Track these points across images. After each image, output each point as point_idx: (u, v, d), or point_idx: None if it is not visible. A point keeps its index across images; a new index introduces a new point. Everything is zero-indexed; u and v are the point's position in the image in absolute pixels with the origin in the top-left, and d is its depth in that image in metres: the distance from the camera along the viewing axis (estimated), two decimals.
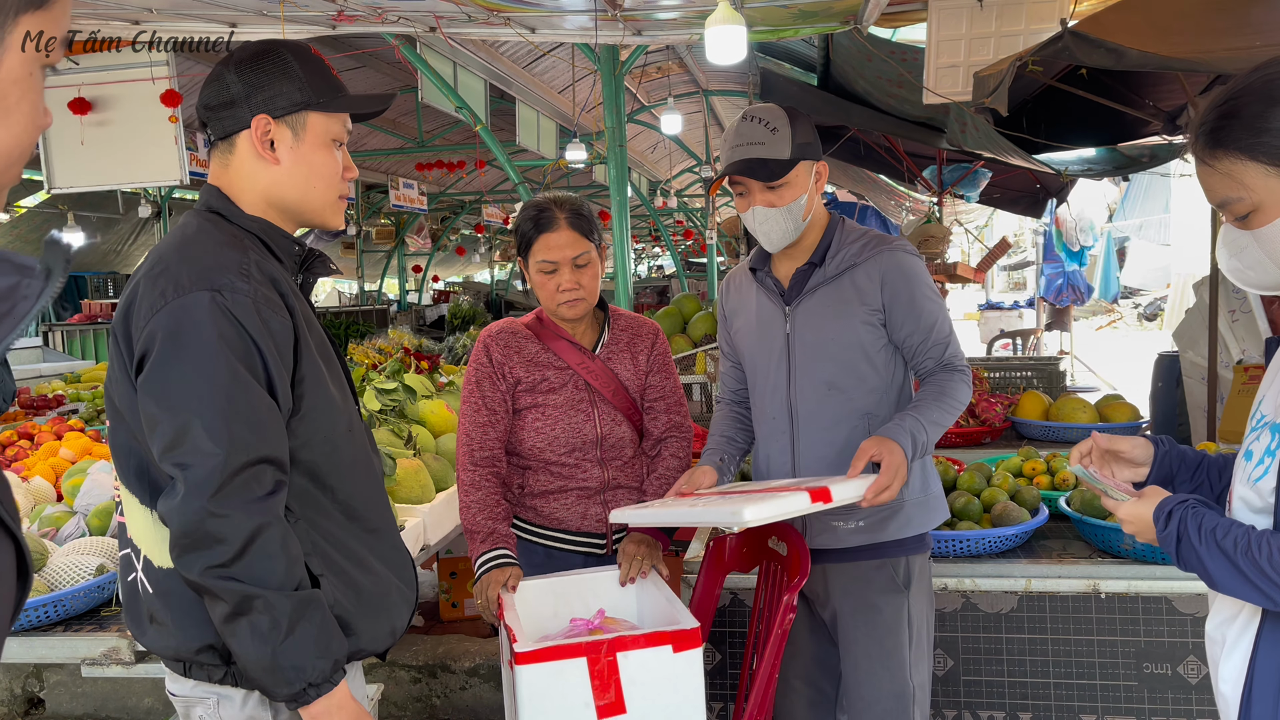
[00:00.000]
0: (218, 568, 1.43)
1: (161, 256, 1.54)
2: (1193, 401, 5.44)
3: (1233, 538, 1.36)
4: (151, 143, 5.40)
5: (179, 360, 1.45)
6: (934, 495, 2.29)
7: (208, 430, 1.44)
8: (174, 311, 1.46)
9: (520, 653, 1.79)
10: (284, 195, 1.64)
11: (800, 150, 2.19)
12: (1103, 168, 6.56)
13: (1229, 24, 3.66)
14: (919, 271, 2.21)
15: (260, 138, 1.60)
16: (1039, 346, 11.63)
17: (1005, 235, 12.94)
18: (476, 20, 4.77)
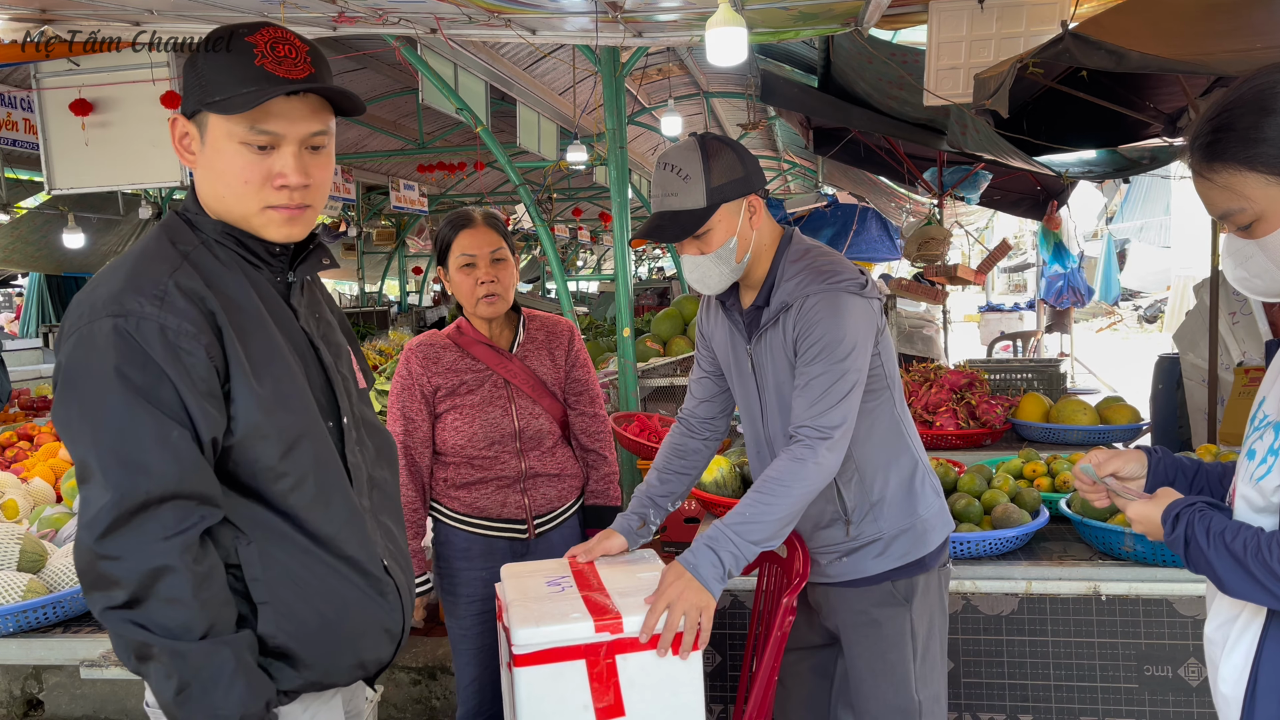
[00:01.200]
0: (115, 610, 1.36)
1: (99, 274, 1.46)
2: (1193, 404, 5.44)
3: (1241, 540, 1.36)
4: (152, 144, 5.40)
5: (77, 394, 1.38)
6: (924, 519, 2.16)
7: (101, 469, 1.37)
8: (79, 340, 1.39)
9: (519, 655, 1.79)
10: (208, 199, 1.53)
11: (718, 194, 2.03)
12: (1103, 170, 6.56)
13: (1229, 26, 3.66)
14: (839, 315, 2.00)
15: (178, 138, 1.52)
16: (1039, 348, 11.62)
17: (1006, 237, 12.94)
18: (477, 22, 4.77)
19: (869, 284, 2.08)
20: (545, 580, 2.04)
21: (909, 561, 2.14)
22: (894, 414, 2.18)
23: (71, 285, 15.06)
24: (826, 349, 1.99)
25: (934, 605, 2.20)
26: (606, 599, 1.90)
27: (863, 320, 2.03)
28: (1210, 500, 1.49)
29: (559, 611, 1.85)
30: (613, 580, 2.02)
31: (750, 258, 2.12)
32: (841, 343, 1.99)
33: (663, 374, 6.05)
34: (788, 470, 1.96)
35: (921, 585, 2.16)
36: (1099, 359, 12.79)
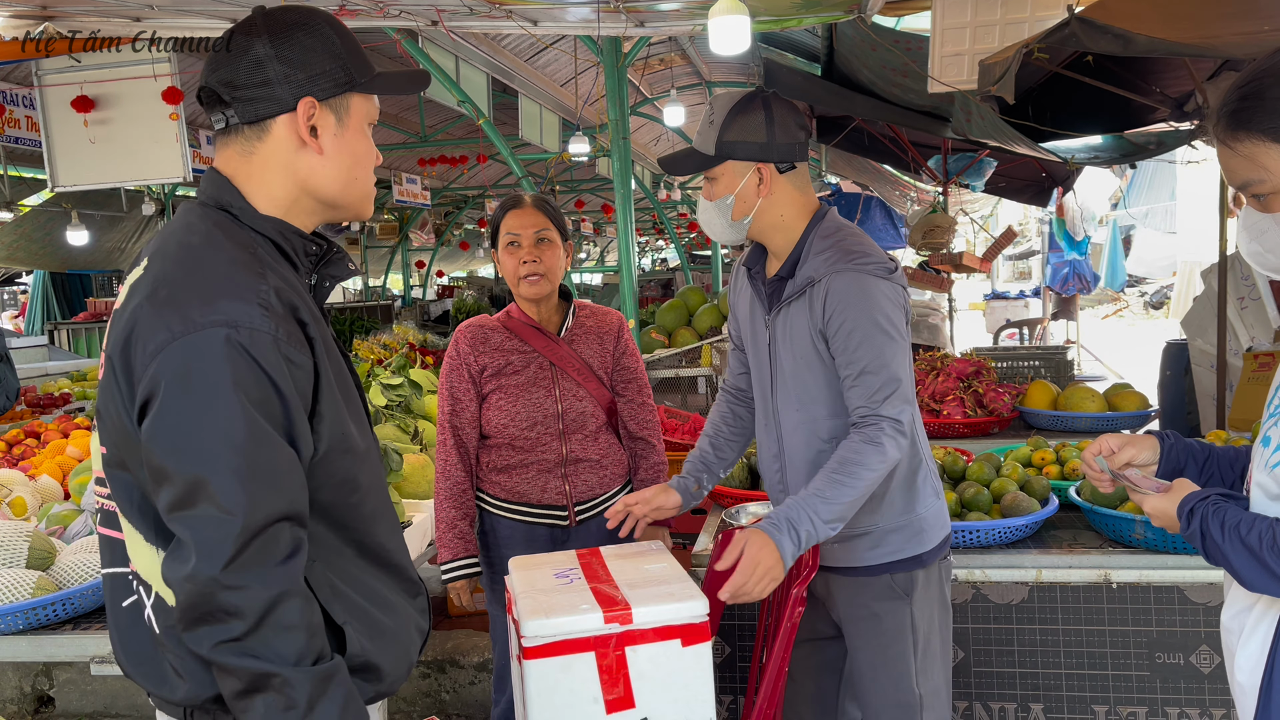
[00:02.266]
0: (230, 643, 1.27)
1: (165, 276, 1.35)
2: (1201, 389, 5.41)
3: (1256, 532, 1.36)
4: (154, 140, 5.39)
5: (189, 409, 1.27)
6: (920, 518, 2.14)
7: (220, 490, 1.27)
8: (183, 351, 1.28)
9: (528, 647, 1.78)
10: (324, 187, 1.47)
11: (726, 149, 2.07)
12: (1109, 155, 6.52)
13: (1236, 9, 3.63)
14: (869, 298, 1.99)
15: (305, 123, 1.42)
16: (1045, 336, 11.59)
17: (1011, 225, 12.90)
18: (478, 13, 4.75)
19: (897, 269, 2.07)
20: (554, 572, 2.03)
21: (903, 557, 2.13)
22: None
23: (75, 283, 15.10)
24: (867, 337, 1.98)
25: (935, 600, 2.19)
26: (615, 590, 1.89)
27: (894, 303, 2.02)
28: (1224, 492, 1.48)
29: (568, 603, 1.84)
30: (621, 572, 2.01)
31: (757, 223, 2.12)
32: (880, 327, 1.99)
33: (668, 365, 6.04)
34: (864, 453, 1.96)
35: (921, 580, 2.15)
36: (1105, 346, 12.75)
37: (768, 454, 2.28)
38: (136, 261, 1.43)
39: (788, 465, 2.22)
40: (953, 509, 2.76)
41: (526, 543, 2.70)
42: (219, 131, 1.46)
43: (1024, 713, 2.66)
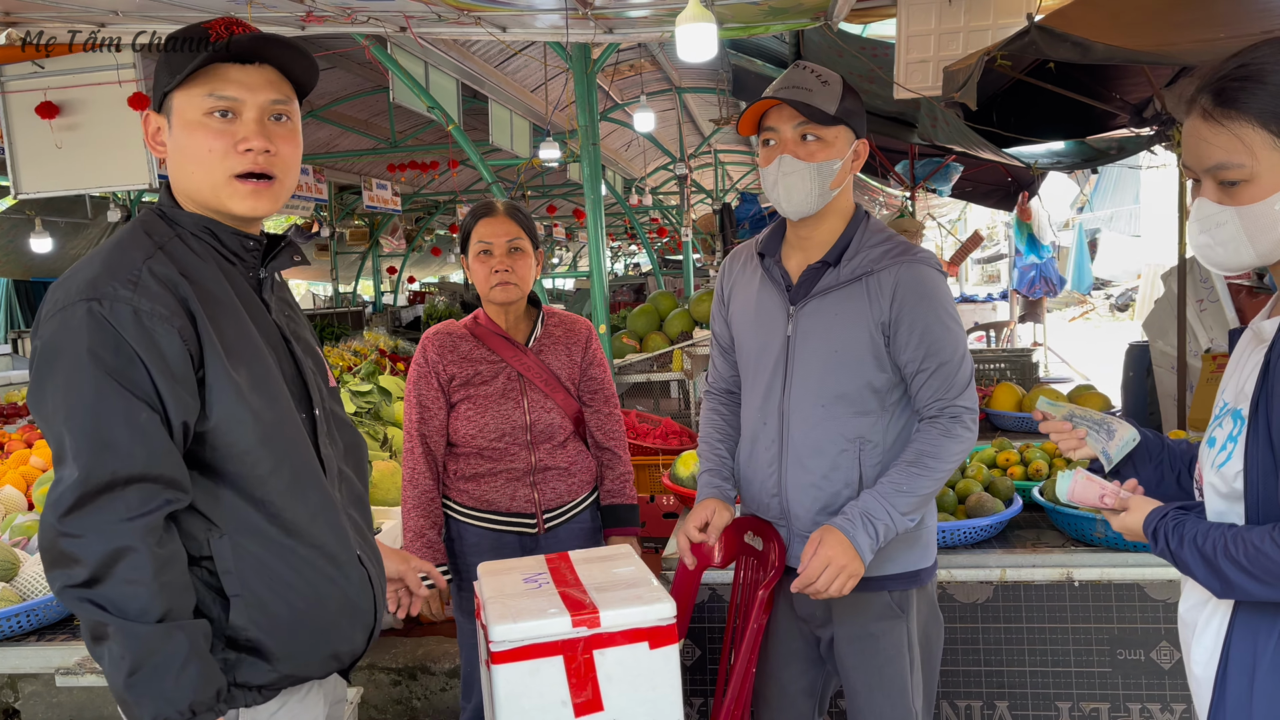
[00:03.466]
0: (74, 588, 1.36)
1: (77, 264, 1.49)
2: (1163, 390, 5.51)
3: (1211, 541, 1.38)
4: (119, 146, 5.33)
5: (52, 375, 1.40)
6: (927, 529, 2.14)
7: (71, 448, 1.38)
8: (55, 323, 1.41)
9: (496, 651, 1.79)
10: (179, 187, 1.57)
11: (845, 113, 2.02)
12: (1072, 160, 6.62)
13: (1193, 17, 3.70)
14: (938, 291, 2.00)
15: (151, 135, 1.57)
16: (1013, 338, 11.73)
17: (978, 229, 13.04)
18: (447, 20, 4.75)
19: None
20: (522, 577, 2.04)
21: (905, 571, 2.11)
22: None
23: (40, 290, 14.86)
24: (946, 330, 2.00)
25: (928, 616, 2.19)
26: (584, 594, 1.91)
27: (951, 300, 2.05)
28: (1182, 505, 1.49)
29: (536, 607, 1.85)
30: (589, 576, 2.02)
31: (837, 199, 2.06)
32: (954, 319, 2.02)
33: (639, 370, 6.07)
34: (941, 444, 1.97)
35: (917, 597, 2.14)
36: (1071, 348, 12.91)
37: (762, 456, 2.17)
38: None
39: (795, 463, 2.11)
40: None
41: (494, 550, 2.70)
42: None
43: (990, 710, 2.70)
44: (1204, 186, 1.42)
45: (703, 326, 5.95)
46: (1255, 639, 1.39)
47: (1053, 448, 3.22)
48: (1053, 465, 3.14)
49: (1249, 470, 1.37)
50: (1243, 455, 1.38)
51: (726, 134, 12.40)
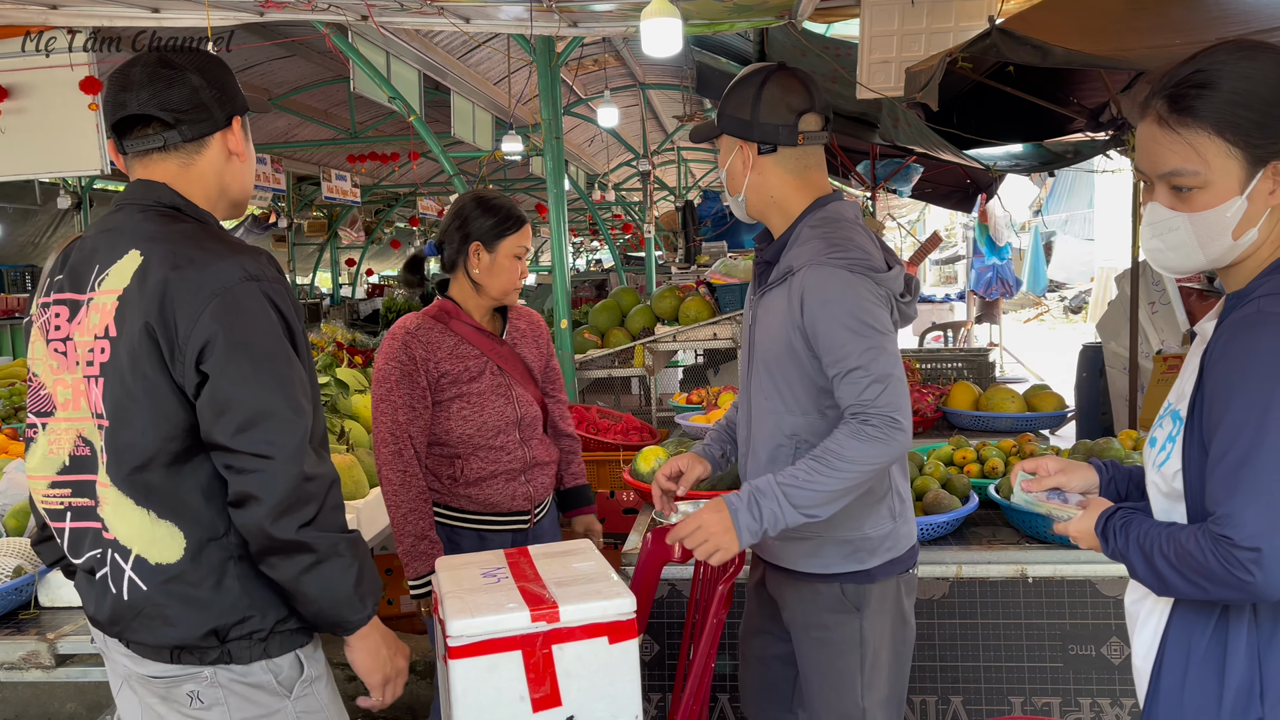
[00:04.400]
0: (309, 525, 1.58)
1: (173, 252, 1.59)
2: (1115, 391, 5.61)
3: (1149, 536, 1.39)
4: (71, 132, 5.20)
5: (247, 345, 1.57)
6: (866, 538, 2.07)
7: (290, 406, 1.59)
8: (228, 301, 1.57)
9: (454, 647, 1.77)
10: (242, 188, 1.80)
11: (724, 123, 2.07)
12: (1030, 163, 6.71)
13: (1149, 23, 3.77)
14: (841, 296, 1.92)
15: (236, 137, 1.75)
16: (969, 338, 11.88)
17: (937, 230, 13.17)
18: (409, 9, 4.70)
19: (884, 267, 1.99)
20: (481, 572, 2.03)
21: (841, 571, 2.08)
22: None
23: None
24: (854, 334, 1.90)
25: (890, 614, 2.12)
26: (543, 589, 1.89)
27: (875, 299, 1.94)
28: (1133, 505, 1.50)
29: (495, 602, 1.84)
30: (549, 571, 2.01)
31: (750, 202, 2.11)
32: (864, 323, 1.91)
33: (600, 366, 6.05)
34: (848, 445, 1.88)
35: (876, 594, 2.09)
36: (1027, 348, 13.11)
37: (740, 436, 2.24)
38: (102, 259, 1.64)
39: (750, 452, 2.16)
40: None
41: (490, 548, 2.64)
42: (152, 150, 1.69)
43: (944, 705, 2.72)
44: (1157, 191, 1.43)
45: (664, 323, 5.96)
46: (1190, 635, 1.42)
47: (1009, 445, 3.26)
48: (1008, 463, 3.17)
49: (1186, 469, 1.40)
50: (1180, 455, 1.41)
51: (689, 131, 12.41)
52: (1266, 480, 1.25)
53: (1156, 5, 3.86)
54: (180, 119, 1.67)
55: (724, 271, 5.81)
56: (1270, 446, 1.25)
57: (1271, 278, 1.35)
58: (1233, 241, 1.38)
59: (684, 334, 5.77)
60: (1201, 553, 1.29)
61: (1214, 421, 1.32)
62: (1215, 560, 1.27)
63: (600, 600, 1.84)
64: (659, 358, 6.06)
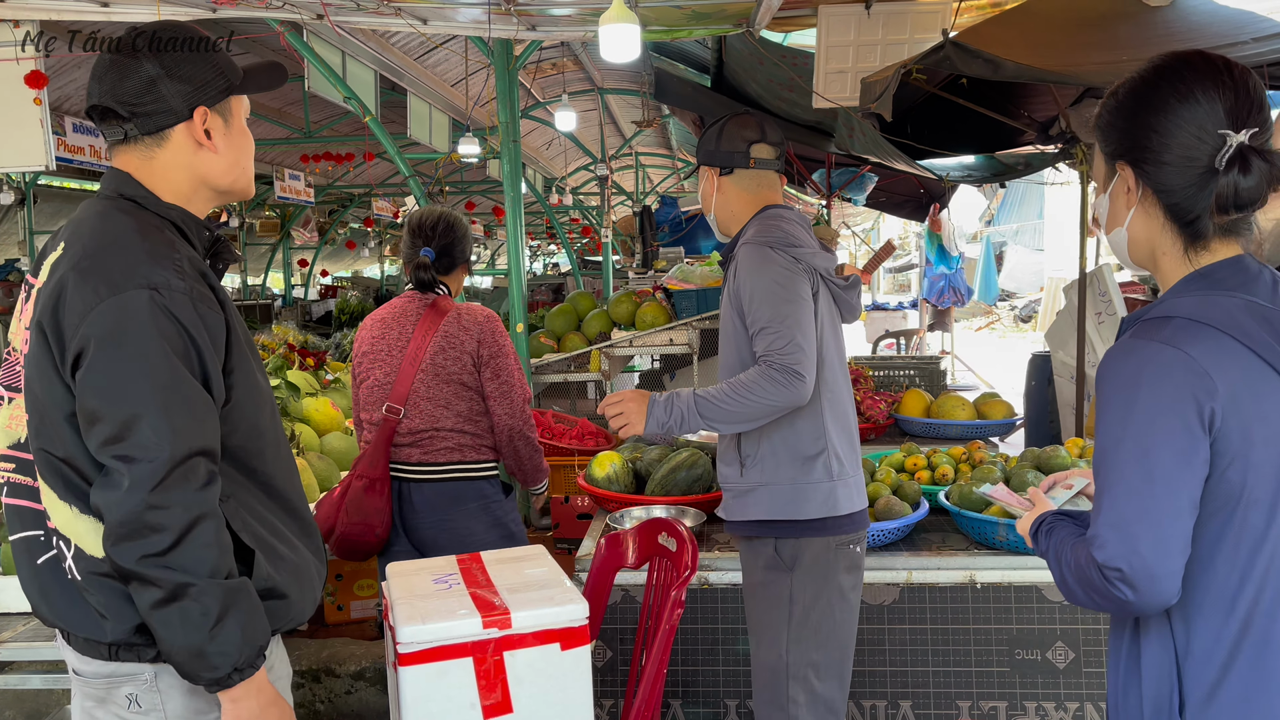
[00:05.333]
0: (153, 556, 1.46)
1: (86, 249, 1.53)
2: (1063, 399, 5.71)
3: (1062, 547, 1.42)
4: (15, 126, 5.08)
5: (121, 358, 1.48)
6: (799, 486, 2.28)
7: (152, 426, 1.47)
8: (112, 309, 1.48)
9: (404, 653, 1.75)
10: (220, 180, 1.70)
11: (699, 156, 2.53)
12: (981, 174, 6.82)
13: (1097, 39, 3.85)
14: (762, 267, 2.28)
15: (201, 128, 1.65)
16: (922, 346, 12.02)
17: (890, 238, 13.32)
18: (366, 9, 4.65)
19: (803, 247, 2.33)
20: (432, 578, 2.01)
21: (783, 519, 2.29)
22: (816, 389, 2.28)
23: None
24: (766, 299, 2.24)
25: (824, 580, 2.30)
26: (494, 595, 1.88)
27: (789, 271, 2.27)
28: (1067, 511, 1.56)
29: (446, 608, 1.82)
30: (501, 576, 2.00)
31: (718, 218, 2.53)
32: (765, 288, 2.25)
33: (557, 370, 6.03)
34: (758, 383, 2.18)
35: (808, 556, 2.29)
36: (977, 356, 13.30)
37: None
38: (49, 247, 1.61)
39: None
40: None
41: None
42: (116, 141, 1.65)
43: (894, 710, 2.75)
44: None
45: (621, 328, 5.95)
46: (1117, 644, 1.46)
47: (959, 453, 3.31)
48: (958, 470, 3.22)
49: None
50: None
51: (648, 136, 12.44)
52: (1120, 505, 1.30)
53: (1104, 22, 3.95)
54: (135, 112, 1.61)
55: (681, 277, 5.82)
56: (1122, 474, 1.30)
57: (1164, 302, 1.37)
58: (1108, 236, 1.48)
59: (640, 339, 5.77)
60: (1090, 568, 1.33)
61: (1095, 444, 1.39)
62: (1098, 576, 1.31)
63: (552, 606, 1.84)
64: (615, 363, 6.06)
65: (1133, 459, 1.29)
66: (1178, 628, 1.35)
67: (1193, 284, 1.36)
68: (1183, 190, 1.35)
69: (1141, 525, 1.28)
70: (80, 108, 8.55)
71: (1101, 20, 3.96)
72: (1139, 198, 1.40)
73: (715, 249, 12.18)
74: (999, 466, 2.99)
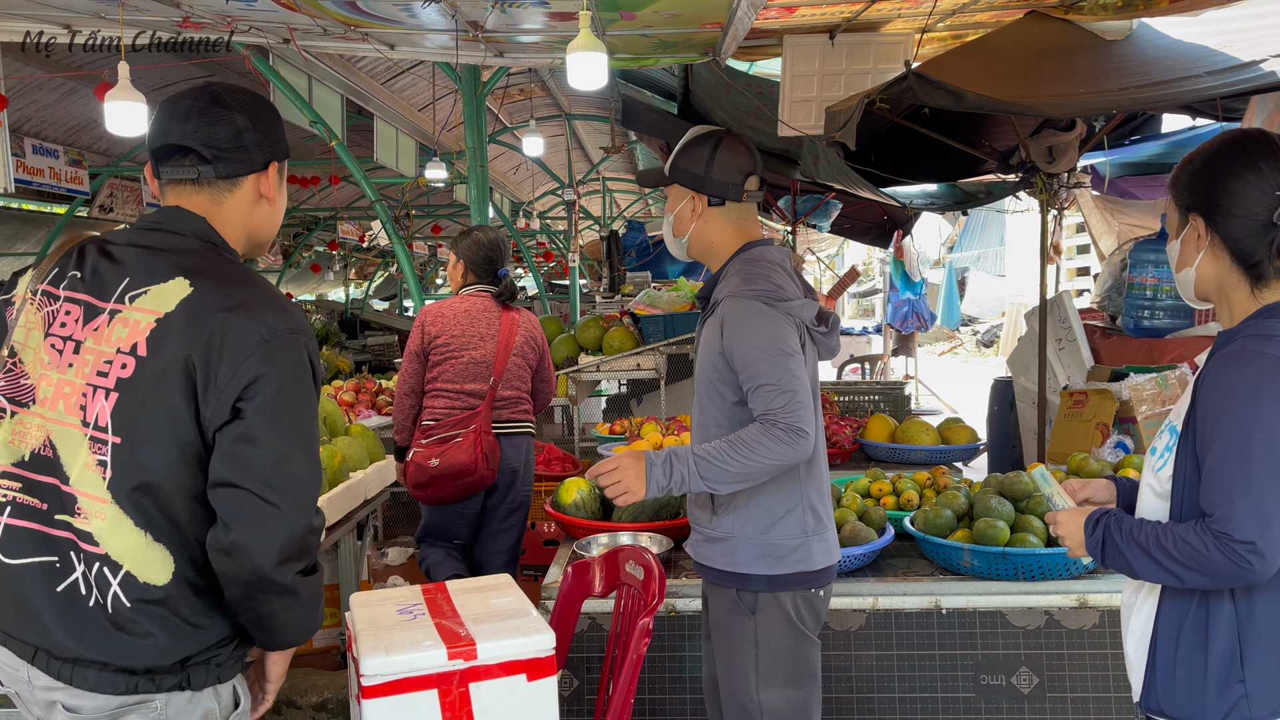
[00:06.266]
0: (305, 572, 1.66)
1: (234, 292, 1.64)
2: (1025, 424, 5.76)
3: (1145, 533, 1.65)
4: None
5: (284, 394, 1.62)
6: (775, 544, 2.23)
7: (307, 459, 1.65)
8: (276, 350, 1.62)
9: (367, 686, 1.73)
10: (265, 231, 1.84)
11: (675, 173, 2.37)
12: (944, 202, 6.91)
13: (1055, 72, 3.92)
14: (752, 323, 2.19)
15: (269, 181, 1.80)
16: (886, 371, 12.12)
17: (855, 264, 13.45)
18: (332, 34, 4.65)
19: (791, 299, 2.24)
20: (396, 608, 1.99)
21: (753, 573, 2.24)
22: None
23: None
24: (761, 355, 2.16)
25: (787, 625, 2.25)
26: (460, 626, 1.86)
27: (782, 325, 2.19)
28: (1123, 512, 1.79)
29: (410, 640, 1.80)
30: (466, 607, 1.98)
31: (692, 244, 2.41)
32: (760, 346, 2.17)
33: None
34: (762, 441, 2.12)
35: (770, 603, 2.24)
36: (941, 381, 13.42)
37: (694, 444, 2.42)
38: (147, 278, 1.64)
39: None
40: None
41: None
42: (183, 180, 1.73)
43: None
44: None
45: (588, 353, 5.95)
46: (1178, 618, 1.69)
47: (924, 478, 3.33)
48: (923, 496, 3.24)
49: (1177, 474, 1.69)
50: (1174, 462, 1.70)
51: (615, 162, 12.49)
52: (1256, 489, 1.55)
53: (1062, 55, 4.03)
54: (219, 155, 1.72)
55: (648, 302, 5.83)
56: (1255, 461, 1.55)
57: (1256, 321, 1.67)
58: (1178, 275, 1.77)
59: (608, 364, 5.77)
60: (1205, 546, 1.56)
61: (1206, 439, 1.61)
62: (1219, 553, 1.55)
63: (519, 637, 1.82)
64: (582, 387, 6.05)
65: (1263, 450, 1.54)
66: (1241, 598, 1.62)
67: (1270, 313, 1.66)
68: (1247, 239, 1.66)
69: (1275, 507, 1.54)
70: (40, 130, 8.45)
71: (1059, 53, 4.04)
72: (1208, 244, 1.70)
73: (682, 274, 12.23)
74: (963, 492, 3.01)
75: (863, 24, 4.73)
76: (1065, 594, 2.70)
